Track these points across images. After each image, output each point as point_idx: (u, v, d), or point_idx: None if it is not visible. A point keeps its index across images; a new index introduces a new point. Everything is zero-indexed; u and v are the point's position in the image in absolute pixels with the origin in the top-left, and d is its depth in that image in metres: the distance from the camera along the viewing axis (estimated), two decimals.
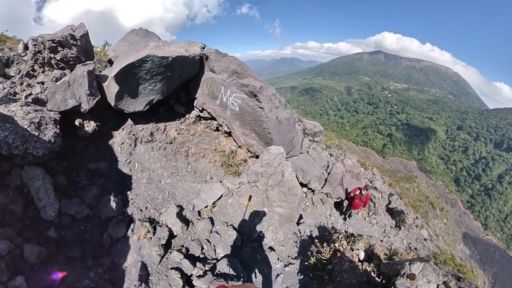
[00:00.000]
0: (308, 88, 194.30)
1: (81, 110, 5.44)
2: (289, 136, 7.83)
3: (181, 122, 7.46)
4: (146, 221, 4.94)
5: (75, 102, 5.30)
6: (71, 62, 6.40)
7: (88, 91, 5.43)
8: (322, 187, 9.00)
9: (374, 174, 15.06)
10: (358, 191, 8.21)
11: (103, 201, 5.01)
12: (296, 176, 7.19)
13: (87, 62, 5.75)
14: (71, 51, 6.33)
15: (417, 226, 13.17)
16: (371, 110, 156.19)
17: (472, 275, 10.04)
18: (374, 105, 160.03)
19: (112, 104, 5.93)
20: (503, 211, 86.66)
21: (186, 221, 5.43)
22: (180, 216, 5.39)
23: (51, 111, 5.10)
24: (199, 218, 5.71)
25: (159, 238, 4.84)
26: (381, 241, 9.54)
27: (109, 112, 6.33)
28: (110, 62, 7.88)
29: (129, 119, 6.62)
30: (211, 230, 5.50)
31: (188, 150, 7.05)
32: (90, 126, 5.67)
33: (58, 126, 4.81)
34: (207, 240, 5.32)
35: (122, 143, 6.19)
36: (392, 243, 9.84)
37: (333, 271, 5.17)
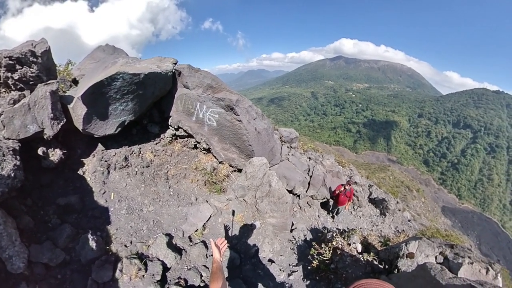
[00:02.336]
0: (274, 98, 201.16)
1: (45, 137, 4.83)
2: (268, 145, 7.86)
3: (157, 143, 7.10)
4: (134, 257, 4.42)
5: (37, 127, 4.68)
6: (31, 82, 5.58)
7: (52, 115, 4.84)
8: (306, 191, 9.13)
9: (351, 170, 15.74)
10: (342, 188, 8.46)
11: (80, 241, 4.35)
12: None
13: (49, 82, 5.13)
14: (31, 69, 5.51)
15: (399, 210, 13.81)
16: (339, 111, 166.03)
17: (459, 241, 10.68)
18: (340, 106, 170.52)
19: (80, 128, 5.39)
20: (472, 180, 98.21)
21: (178, 250, 5.01)
22: (171, 245, 4.95)
23: (8, 139, 4.45)
24: (191, 244, 5.32)
25: (153, 274, 4.34)
26: (371, 230, 9.87)
27: (76, 138, 5.79)
28: (75, 81, 7.33)
29: (99, 144, 6.09)
30: (206, 255, 5.14)
31: (167, 172, 6.68)
32: (55, 154, 5.07)
33: (18, 157, 4.14)
34: (204, 266, 4.97)
35: (94, 172, 5.63)
36: (381, 231, 10.25)
37: (337, 269, 5.29)
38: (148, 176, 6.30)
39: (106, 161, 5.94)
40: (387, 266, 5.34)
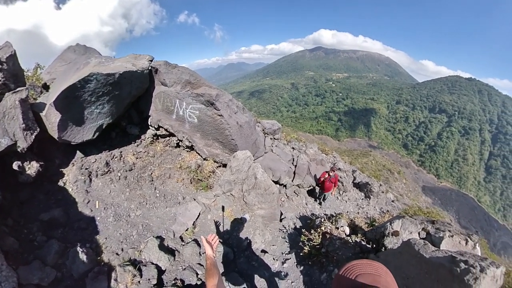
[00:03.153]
0: (255, 91, 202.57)
1: (19, 150, 4.50)
2: (251, 138, 7.85)
3: (138, 145, 6.88)
4: (127, 264, 4.29)
5: (9, 140, 4.33)
6: None
7: (24, 125, 4.51)
8: (292, 180, 9.27)
9: (335, 157, 16.17)
10: (327, 175, 8.69)
11: (70, 255, 4.13)
12: None
13: (18, 89, 4.74)
14: None
15: (383, 192, 14.39)
16: (320, 100, 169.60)
17: (440, 217, 11.34)
18: (321, 96, 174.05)
19: (55, 136, 5.08)
20: (448, 160, 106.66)
21: (171, 251, 4.92)
22: (163, 247, 4.86)
23: None
24: (183, 243, 5.24)
25: (149, 279, 4.25)
26: (358, 213, 10.23)
27: (53, 147, 5.46)
28: (46, 87, 6.90)
29: (78, 152, 5.79)
30: (199, 253, 5.08)
31: (151, 173, 6.49)
32: (32, 168, 4.74)
33: None
34: (199, 264, 4.92)
35: (75, 181, 5.34)
36: (367, 212, 10.67)
37: (328, 252, 5.45)
38: (132, 179, 6.10)
39: (86, 168, 5.66)
40: (374, 245, 5.54)
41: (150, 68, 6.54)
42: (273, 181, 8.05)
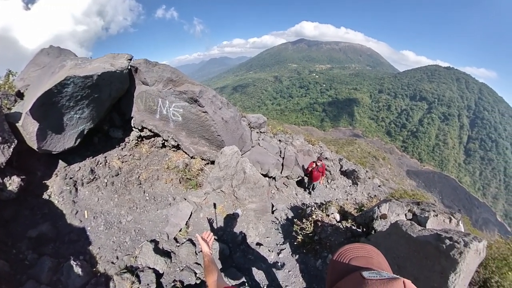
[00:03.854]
0: (239, 85, 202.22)
1: None
2: (238, 133, 7.82)
3: (122, 148, 6.67)
4: (124, 272, 4.21)
5: None
6: None
7: (0, 138, 4.33)
8: (281, 172, 9.36)
9: (321, 146, 16.42)
10: (314, 164, 8.83)
11: (64, 270, 3.97)
12: None
13: None
14: None
15: (369, 178, 14.81)
16: (304, 92, 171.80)
17: (424, 198, 11.85)
18: (305, 87, 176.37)
19: (35, 147, 4.80)
20: (430, 145, 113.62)
21: (166, 254, 4.87)
22: (158, 251, 4.80)
23: None
24: (178, 244, 5.19)
25: (147, 284, 4.20)
26: (346, 199, 10.51)
27: (33, 159, 5.19)
28: (20, 94, 6.45)
29: (60, 161, 5.52)
30: (195, 252, 5.07)
31: (139, 177, 6.33)
32: (14, 183, 4.45)
33: None
34: (196, 263, 4.91)
35: (61, 193, 5.09)
36: (355, 198, 10.95)
37: (321, 239, 5.61)
38: (120, 185, 5.92)
39: (71, 178, 5.41)
40: (364, 229, 5.75)
41: (129, 67, 6.32)
42: (262, 174, 8.09)
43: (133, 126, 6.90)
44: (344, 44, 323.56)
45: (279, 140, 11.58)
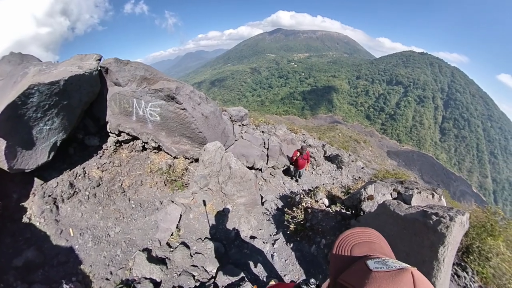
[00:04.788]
0: (218, 78, 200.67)
1: None
2: (219, 128, 7.68)
3: (101, 156, 6.29)
4: (121, 287, 4.06)
5: None
6: None
7: None
8: (267, 163, 9.41)
9: (304, 134, 16.68)
10: (298, 153, 8.90)
11: None
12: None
13: None
14: None
15: (353, 161, 15.26)
16: (283, 82, 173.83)
17: (406, 177, 12.37)
18: (284, 77, 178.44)
19: (5, 167, 4.39)
20: (407, 126, 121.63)
21: (161, 261, 4.70)
22: (152, 259, 4.62)
23: None
24: (172, 249, 5.02)
25: None
26: (333, 184, 10.75)
27: (6, 181, 4.76)
28: None
29: (35, 179, 5.10)
30: (190, 254, 4.95)
31: (122, 184, 6.02)
32: None
33: None
34: (193, 266, 4.80)
35: (41, 213, 4.74)
36: (341, 182, 11.26)
37: (313, 225, 5.69)
38: (103, 196, 5.60)
39: (49, 195, 5.04)
40: (353, 211, 5.90)
41: (99, 68, 5.95)
42: (247, 167, 8.05)
43: (109, 131, 6.54)
44: (321, 33, 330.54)
45: (262, 132, 11.58)
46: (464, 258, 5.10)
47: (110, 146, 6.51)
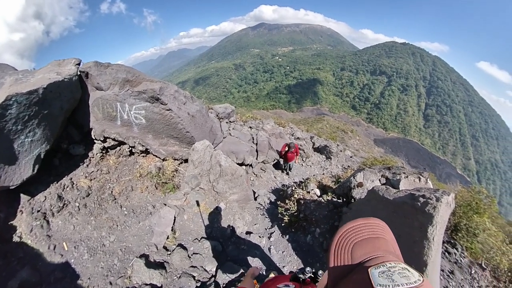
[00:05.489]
0: (202, 76, 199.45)
1: None
2: (207, 126, 7.60)
3: (87, 165, 6.10)
4: None
5: None
6: None
7: None
8: (256, 158, 9.44)
9: (292, 128, 16.88)
10: (287, 147, 9.01)
11: None
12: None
13: None
14: None
15: (341, 151, 15.61)
16: (268, 76, 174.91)
17: (393, 163, 12.75)
18: (269, 71, 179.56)
19: None
20: (392, 114, 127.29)
21: (160, 265, 4.65)
22: (151, 264, 4.56)
23: None
24: (169, 252, 4.96)
25: None
26: (323, 174, 10.95)
27: None
28: None
29: (22, 195, 4.90)
30: (188, 256, 4.92)
31: (112, 192, 5.88)
32: None
33: None
34: (192, 266, 4.77)
35: (31, 230, 4.57)
36: (331, 172, 11.49)
37: (306, 216, 5.82)
38: (93, 205, 5.46)
39: (38, 211, 4.86)
40: (344, 199, 6.08)
41: (79, 73, 5.76)
42: (238, 164, 8.06)
43: (94, 138, 6.36)
44: (305, 26, 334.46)
45: (250, 127, 11.61)
46: (453, 236, 5.42)
47: (97, 154, 6.34)
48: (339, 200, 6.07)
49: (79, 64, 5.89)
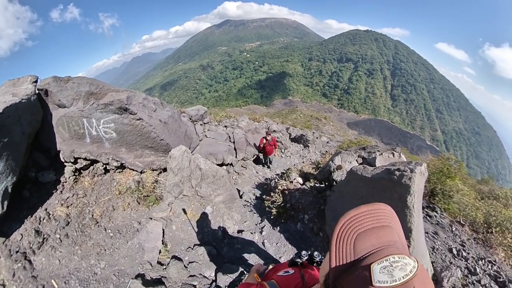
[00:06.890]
0: (170, 80, 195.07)
1: None
2: (181, 131, 7.44)
3: (61, 191, 5.69)
4: None
5: None
6: None
7: None
8: (236, 156, 9.48)
9: (267, 121, 17.14)
10: (264, 140, 9.12)
11: None
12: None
13: None
14: None
15: (317, 138, 16.15)
16: (238, 73, 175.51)
17: (368, 142, 13.41)
18: (239, 68, 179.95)
19: None
20: (361, 98, 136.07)
21: (158, 282, 4.48)
22: (148, 283, 4.38)
23: None
24: (165, 266, 4.80)
25: None
26: (303, 162, 11.26)
27: None
28: None
29: None
30: (184, 266, 4.80)
31: (93, 215, 5.55)
32: None
33: None
34: (190, 276, 4.67)
35: (14, 274, 4.18)
36: (310, 159, 11.87)
37: (293, 205, 6.00)
38: (76, 234, 5.13)
39: (17, 252, 4.47)
40: (326, 183, 6.32)
41: (37, 91, 5.38)
42: (218, 164, 8.03)
43: (63, 160, 5.97)
44: (270, 20, 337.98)
45: (225, 126, 11.59)
46: (431, 201, 5.97)
47: (69, 177, 5.95)
48: (321, 185, 6.29)
49: (36, 81, 5.53)
